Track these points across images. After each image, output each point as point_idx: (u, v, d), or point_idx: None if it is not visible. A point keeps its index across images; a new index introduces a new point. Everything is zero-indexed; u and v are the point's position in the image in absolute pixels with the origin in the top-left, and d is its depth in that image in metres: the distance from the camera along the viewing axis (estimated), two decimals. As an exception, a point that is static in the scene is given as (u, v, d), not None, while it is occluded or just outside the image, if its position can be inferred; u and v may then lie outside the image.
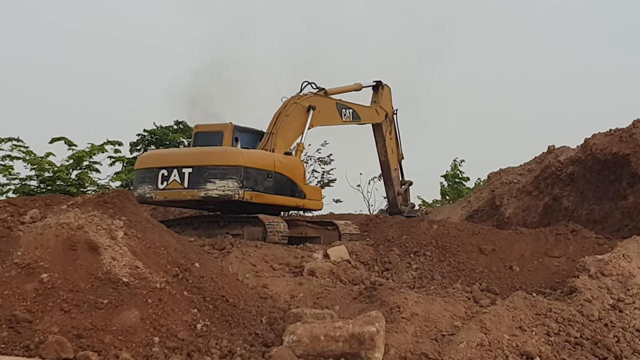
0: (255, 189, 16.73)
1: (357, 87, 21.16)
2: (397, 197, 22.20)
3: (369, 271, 15.54)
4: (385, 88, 21.79)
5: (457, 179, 36.74)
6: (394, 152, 22.11)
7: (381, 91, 21.69)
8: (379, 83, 21.74)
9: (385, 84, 21.78)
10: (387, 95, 21.88)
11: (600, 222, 19.37)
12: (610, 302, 12.33)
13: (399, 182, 22.38)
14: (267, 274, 14.39)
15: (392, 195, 22.34)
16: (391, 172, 22.10)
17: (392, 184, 22.24)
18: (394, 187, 22.24)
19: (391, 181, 22.22)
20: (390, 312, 11.07)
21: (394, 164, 22.11)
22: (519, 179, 24.39)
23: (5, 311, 8.67)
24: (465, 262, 15.54)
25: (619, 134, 19.76)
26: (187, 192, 16.61)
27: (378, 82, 21.75)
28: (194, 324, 9.61)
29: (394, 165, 22.10)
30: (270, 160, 17.36)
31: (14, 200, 11.49)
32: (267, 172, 17.09)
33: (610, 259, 13.46)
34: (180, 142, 32.32)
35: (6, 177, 26.74)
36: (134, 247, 10.12)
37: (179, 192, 16.69)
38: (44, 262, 9.30)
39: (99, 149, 28.06)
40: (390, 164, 21.92)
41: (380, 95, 21.66)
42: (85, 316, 8.89)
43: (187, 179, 16.58)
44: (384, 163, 22.04)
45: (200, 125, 18.70)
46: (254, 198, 16.71)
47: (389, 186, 22.39)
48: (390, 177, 22.18)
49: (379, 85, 21.72)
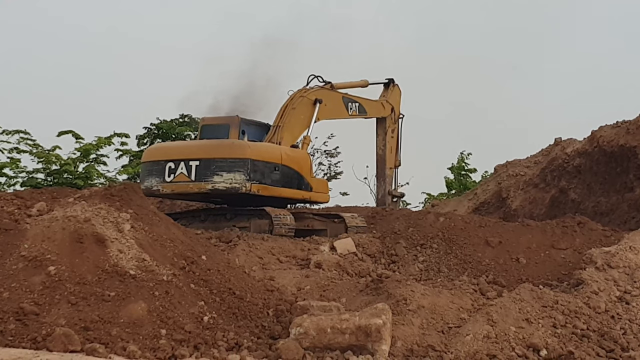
0: (262, 181, 16.73)
1: (364, 83, 21.10)
2: (386, 195, 22.01)
3: (376, 264, 15.53)
4: (396, 87, 21.73)
5: (464, 171, 36.64)
6: (392, 151, 21.92)
7: (392, 88, 21.64)
8: (391, 80, 21.69)
9: (397, 84, 21.73)
10: (396, 94, 21.82)
11: (607, 215, 19.34)
12: (617, 294, 12.32)
13: (391, 181, 22.15)
14: (274, 266, 14.40)
15: (382, 192, 22.12)
16: (385, 169, 21.85)
17: (384, 181, 22.02)
18: (385, 185, 22.04)
19: (384, 177, 22.01)
20: (396, 305, 11.08)
21: (390, 163, 21.90)
22: (526, 172, 24.35)
23: (13, 304, 8.71)
24: (471, 254, 15.52)
25: (626, 126, 19.72)
26: (194, 185, 16.62)
27: (390, 80, 21.71)
28: (201, 316, 9.63)
29: (390, 164, 21.90)
30: (278, 153, 17.36)
31: (21, 193, 11.55)
32: (274, 165, 17.09)
33: (617, 251, 13.45)
34: (186, 135, 32.34)
35: (13, 170, 26.83)
36: (141, 240, 10.15)
37: (186, 184, 16.69)
38: (51, 255, 9.35)
39: (106, 142, 28.14)
40: (386, 161, 21.75)
41: (390, 92, 21.62)
42: (92, 309, 8.93)
43: (194, 171, 16.58)
44: (380, 158, 21.86)
45: (207, 118, 18.70)
46: (260, 191, 16.71)
47: (380, 182, 22.18)
48: (384, 173, 21.97)
49: (390, 83, 21.68)
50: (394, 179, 22.29)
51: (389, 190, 21.92)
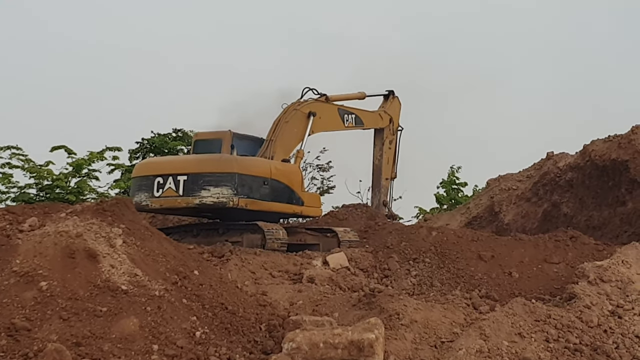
0: (250, 196, 16.74)
1: (361, 95, 21.13)
2: (381, 206, 22.03)
3: (368, 278, 15.52)
4: (396, 99, 21.80)
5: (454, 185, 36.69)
6: (389, 162, 22.00)
7: (391, 100, 21.70)
8: (391, 92, 21.73)
9: (397, 96, 21.77)
10: (396, 106, 21.89)
11: (599, 229, 19.37)
12: (609, 308, 12.33)
13: (386, 192, 22.20)
14: (266, 281, 14.38)
15: (376, 203, 22.17)
16: (381, 180, 21.92)
17: (379, 191, 22.08)
18: (380, 195, 22.08)
19: (379, 188, 22.06)
20: (389, 319, 11.05)
21: (386, 174, 21.95)
22: (518, 186, 24.40)
23: (4, 319, 8.67)
24: (464, 268, 15.54)
25: (618, 140, 19.78)
26: (182, 199, 16.62)
27: (390, 91, 21.75)
28: (193, 331, 9.60)
29: (386, 174, 21.95)
30: (267, 167, 17.36)
31: (12, 208, 11.49)
32: (262, 179, 17.09)
33: (610, 265, 13.47)
34: (179, 149, 32.31)
35: (5, 185, 26.76)
36: (133, 255, 10.12)
37: (174, 199, 16.70)
38: (42, 270, 9.30)
39: (98, 157, 28.10)
40: (382, 171, 21.80)
41: (389, 103, 21.67)
42: (84, 324, 8.89)
43: (182, 186, 16.58)
44: (377, 168, 21.93)
45: (200, 133, 18.72)
46: (249, 205, 16.71)
47: (375, 192, 22.23)
48: (380, 184, 22.03)
49: (389, 95, 21.71)
50: (390, 190, 22.33)
51: (383, 200, 21.95)
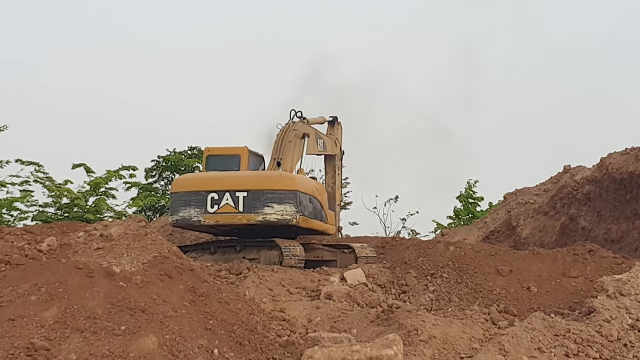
0: (304, 213, 16.92)
1: (322, 120, 21.16)
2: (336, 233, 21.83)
3: (386, 294, 15.49)
4: (339, 124, 21.72)
5: (471, 199, 36.70)
6: (339, 188, 21.86)
7: (337, 126, 21.64)
8: (334, 118, 21.67)
9: (340, 121, 21.74)
10: (340, 131, 21.77)
11: (617, 242, 19.29)
12: (629, 322, 12.24)
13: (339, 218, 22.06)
14: (284, 298, 14.37)
15: None
16: (335, 206, 21.74)
17: None
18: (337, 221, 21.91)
19: None
20: (408, 335, 11.03)
21: (338, 199, 21.79)
22: (535, 199, 24.35)
23: (24, 339, 8.70)
24: (482, 283, 15.48)
25: (635, 152, 19.73)
26: (243, 216, 16.61)
27: (334, 118, 21.69)
28: (211, 349, 9.61)
29: (338, 200, 21.77)
30: (312, 185, 17.60)
31: (31, 228, 11.59)
32: (309, 197, 17.27)
33: (629, 279, 13.38)
34: (195, 167, 32.46)
35: (24, 204, 26.96)
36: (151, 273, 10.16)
37: (234, 216, 16.65)
38: (61, 289, 9.35)
39: (115, 175, 28.30)
40: (335, 197, 21.58)
41: (335, 129, 21.60)
42: (103, 343, 8.91)
43: (242, 202, 16.61)
44: (331, 195, 21.73)
45: (212, 149, 18.66)
46: (302, 223, 16.88)
47: None
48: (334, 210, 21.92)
49: (334, 121, 21.64)
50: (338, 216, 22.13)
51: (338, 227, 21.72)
